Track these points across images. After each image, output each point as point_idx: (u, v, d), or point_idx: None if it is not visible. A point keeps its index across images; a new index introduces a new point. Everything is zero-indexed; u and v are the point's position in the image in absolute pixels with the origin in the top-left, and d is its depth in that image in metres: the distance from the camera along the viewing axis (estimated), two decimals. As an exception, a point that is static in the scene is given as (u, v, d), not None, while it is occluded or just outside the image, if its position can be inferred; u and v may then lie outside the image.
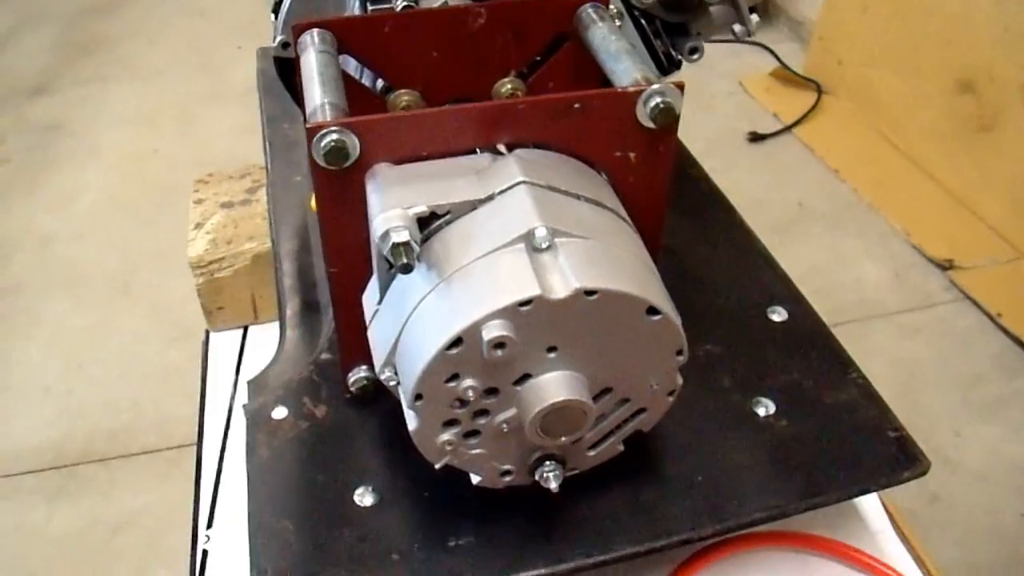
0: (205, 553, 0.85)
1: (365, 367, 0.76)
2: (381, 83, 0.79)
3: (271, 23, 0.89)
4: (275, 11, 0.88)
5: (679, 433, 0.77)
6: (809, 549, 0.81)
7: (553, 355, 0.59)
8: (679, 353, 0.63)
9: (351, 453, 0.76)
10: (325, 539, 0.70)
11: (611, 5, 0.79)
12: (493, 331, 0.55)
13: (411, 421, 0.61)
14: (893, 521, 0.86)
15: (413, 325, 0.59)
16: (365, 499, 0.72)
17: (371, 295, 0.67)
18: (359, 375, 0.76)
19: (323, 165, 0.61)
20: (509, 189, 0.61)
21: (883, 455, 0.76)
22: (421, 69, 0.78)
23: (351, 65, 0.79)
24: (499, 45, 0.78)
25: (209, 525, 0.87)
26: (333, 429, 0.78)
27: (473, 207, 0.61)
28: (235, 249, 1.08)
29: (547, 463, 0.65)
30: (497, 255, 0.58)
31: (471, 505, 0.71)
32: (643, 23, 0.87)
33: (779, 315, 0.88)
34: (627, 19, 0.86)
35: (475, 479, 0.66)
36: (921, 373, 2.07)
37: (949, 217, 2.47)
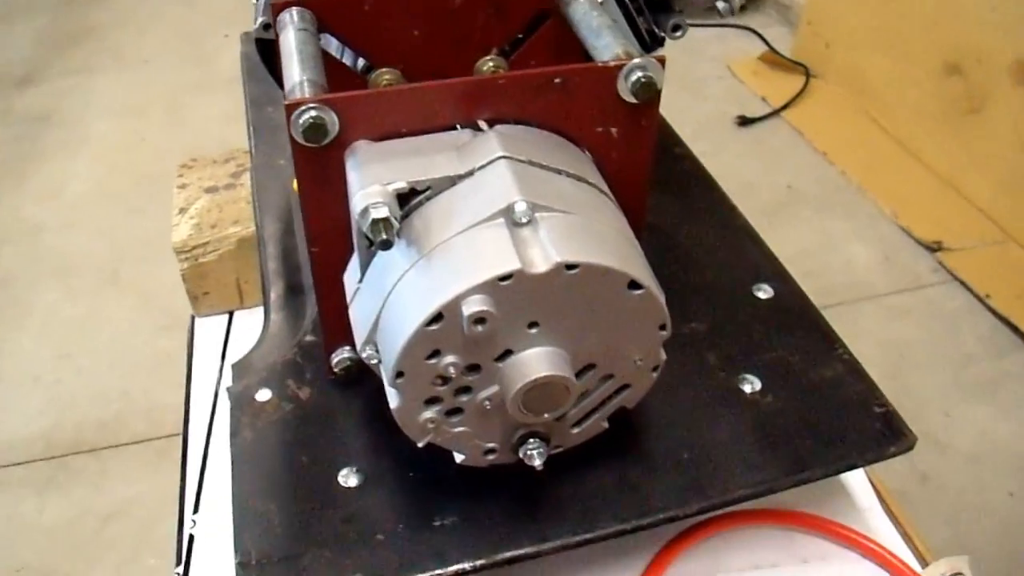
0: (192, 538, 0.85)
1: (348, 348, 0.75)
2: (362, 62, 0.79)
3: (252, 4, 0.88)
4: (257, -9, 0.87)
5: (664, 410, 0.76)
6: (796, 526, 0.81)
7: (535, 331, 0.59)
8: (662, 328, 0.62)
9: (335, 434, 0.76)
10: (309, 521, 0.69)
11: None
12: (473, 306, 0.55)
13: (393, 399, 0.61)
14: (881, 498, 0.86)
15: (393, 302, 0.59)
16: (349, 480, 0.72)
17: (352, 274, 0.66)
18: (342, 356, 0.76)
19: (302, 143, 0.61)
20: (489, 164, 0.60)
21: (869, 430, 0.76)
22: (402, 47, 0.77)
23: (333, 45, 0.78)
24: (480, 22, 0.78)
25: (195, 510, 0.87)
26: (317, 410, 0.77)
27: (453, 183, 0.61)
28: (219, 233, 1.07)
29: (531, 441, 0.65)
30: (477, 230, 0.57)
31: (456, 484, 0.70)
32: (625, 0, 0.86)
33: (765, 292, 0.88)
34: (609, -5, 0.86)
35: (459, 457, 0.66)
36: (910, 354, 2.08)
37: (937, 199, 2.48)
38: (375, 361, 0.62)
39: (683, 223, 0.96)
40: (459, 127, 0.65)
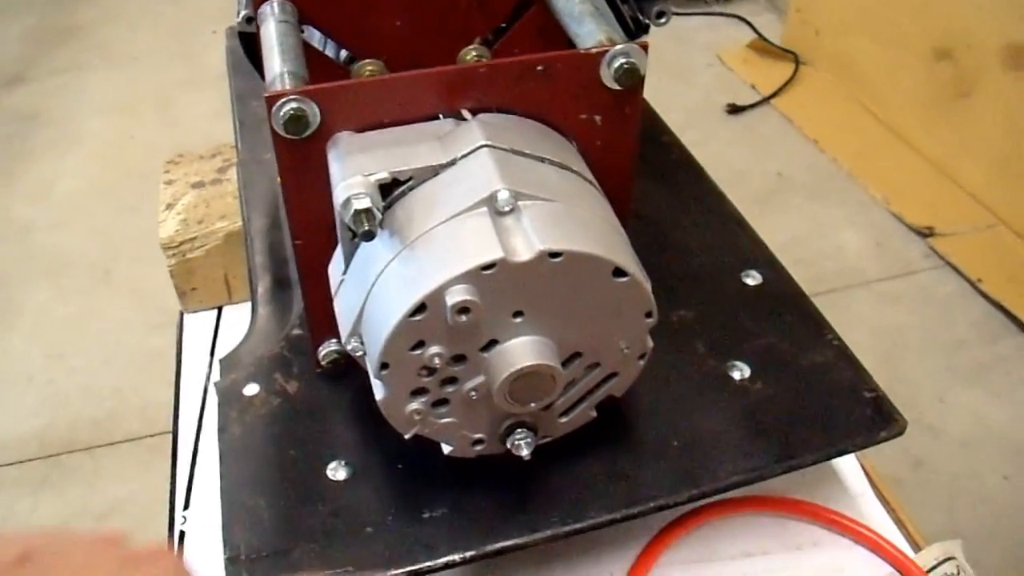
0: (183, 534, 0.84)
1: (335, 340, 0.75)
2: (345, 53, 0.78)
3: (235, -2, 0.88)
4: (239, -15, 0.87)
5: (653, 399, 0.76)
6: (788, 513, 0.81)
7: (520, 320, 0.58)
8: (648, 315, 0.62)
9: (323, 428, 0.76)
10: (298, 514, 0.69)
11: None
12: (456, 296, 0.54)
13: (378, 391, 0.61)
14: (873, 484, 0.85)
15: (377, 293, 0.59)
16: (338, 473, 0.72)
17: (336, 266, 0.66)
18: (329, 348, 0.76)
19: (283, 135, 0.61)
20: (471, 153, 0.60)
21: (859, 416, 0.76)
22: (385, 38, 0.77)
23: (315, 37, 0.78)
24: (463, 11, 0.77)
25: (186, 506, 0.87)
26: (305, 404, 0.77)
27: (435, 172, 0.60)
28: (207, 229, 1.07)
29: (518, 431, 0.65)
30: (460, 219, 0.57)
31: (445, 476, 0.70)
32: (609, -14, 0.86)
33: (753, 279, 0.87)
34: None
35: (446, 449, 0.66)
36: (903, 340, 2.08)
37: (928, 184, 2.47)
38: (360, 353, 0.62)
39: (671, 211, 0.96)
40: (442, 117, 0.65)
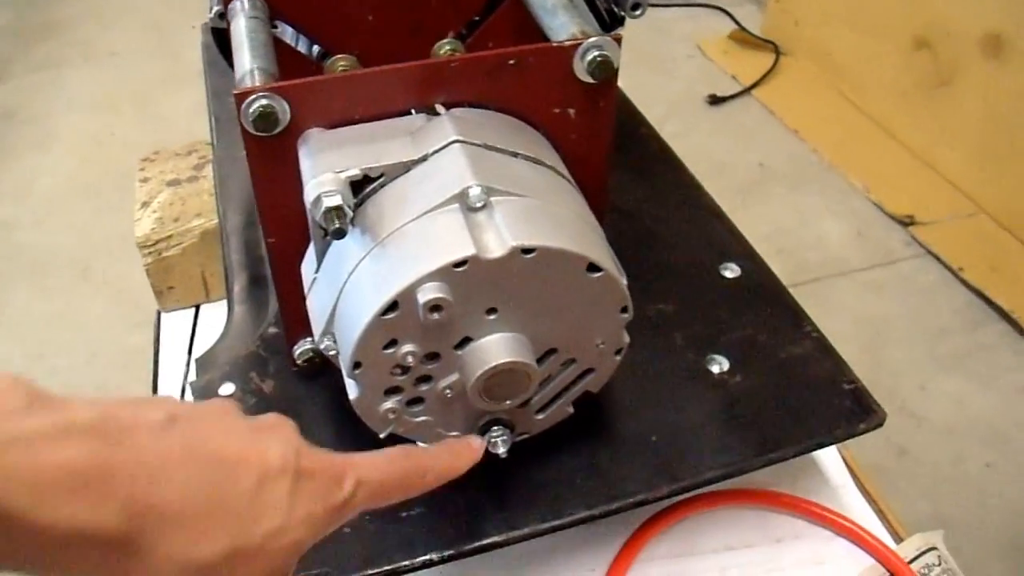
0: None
1: (310, 339, 0.74)
2: (317, 49, 0.78)
3: (208, -7, 0.87)
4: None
5: (631, 393, 0.76)
6: (768, 506, 0.81)
7: (493, 317, 0.58)
8: (624, 311, 0.62)
9: (300, 427, 0.74)
10: (275, 515, 0.68)
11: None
12: (428, 293, 0.54)
13: (352, 390, 0.60)
14: (854, 475, 0.85)
15: (349, 292, 0.58)
16: (315, 473, 0.71)
17: (309, 264, 0.65)
18: (305, 347, 0.75)
19: (253, 132, 0.60)
20: (443, 149, 0.59)
21: (838, 408, 0.76)
22: (357, 33, 0.76)
23: (288, 33, 0.77)
24: (436, 6, 0.77)
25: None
26: (281, 403, 0.76)
27: (407, 169, 0.60)
28: (183, 227, 1.06)
29: (495, 428, 0.64)
30: (431, 216, 0.56)
31: (423, 474, 0.70)
32: (584, -22, 0.85)
33: (732, 271, 0.87)
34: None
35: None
36: (885, 329, 2.08)
37: (909, 173, 2.48)
38: (333, 352, 0.61)
39: (648, 204, 0.95)
40: (414, 112, 0.64)
